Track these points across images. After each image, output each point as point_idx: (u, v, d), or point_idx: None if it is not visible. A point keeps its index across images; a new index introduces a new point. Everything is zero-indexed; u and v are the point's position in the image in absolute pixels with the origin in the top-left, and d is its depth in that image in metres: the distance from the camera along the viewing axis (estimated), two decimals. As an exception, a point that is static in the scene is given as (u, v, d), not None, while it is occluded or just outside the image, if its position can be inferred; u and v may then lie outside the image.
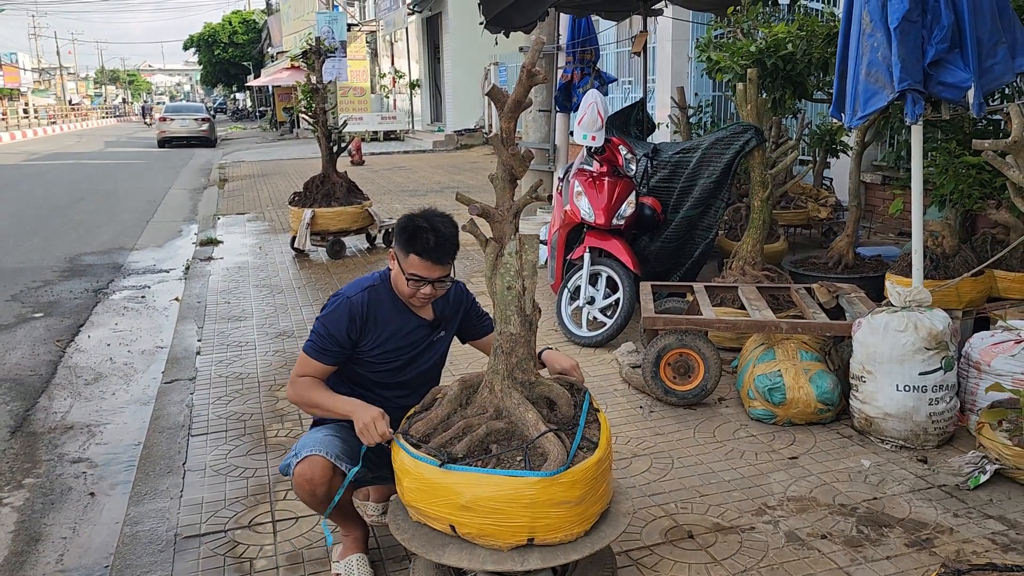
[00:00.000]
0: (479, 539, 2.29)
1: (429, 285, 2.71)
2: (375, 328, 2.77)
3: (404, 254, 2.69)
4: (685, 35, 11.32)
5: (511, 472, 2.26)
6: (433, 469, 2.29)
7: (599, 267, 5.27)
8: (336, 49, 20.40)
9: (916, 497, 3.22)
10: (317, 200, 8.21)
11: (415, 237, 2.66)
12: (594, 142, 5.31)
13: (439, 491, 2.29)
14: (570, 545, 2.34)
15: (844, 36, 4.11)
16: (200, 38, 51.38)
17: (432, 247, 2.65)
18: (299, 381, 2.76)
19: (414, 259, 2.67)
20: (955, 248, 4.72)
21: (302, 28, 29.78)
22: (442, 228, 2.67)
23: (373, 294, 2.79)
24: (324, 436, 2.71)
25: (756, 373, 4.00)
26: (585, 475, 2.30)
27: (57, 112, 50.35)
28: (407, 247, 2.68)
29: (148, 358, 5.78)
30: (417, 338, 2.85)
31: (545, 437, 2.32)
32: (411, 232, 2.67)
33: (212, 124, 29.58)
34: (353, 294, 2.77)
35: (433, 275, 2.69)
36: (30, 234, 10.78)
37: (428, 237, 2.65)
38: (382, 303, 2.79)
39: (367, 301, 2.76)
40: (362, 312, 2.74)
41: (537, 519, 2.26)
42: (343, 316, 2.73)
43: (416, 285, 2.70)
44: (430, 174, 16.02)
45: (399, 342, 2.81)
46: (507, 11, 7.75)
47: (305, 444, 2.70)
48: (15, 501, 3.81)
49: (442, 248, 2.66)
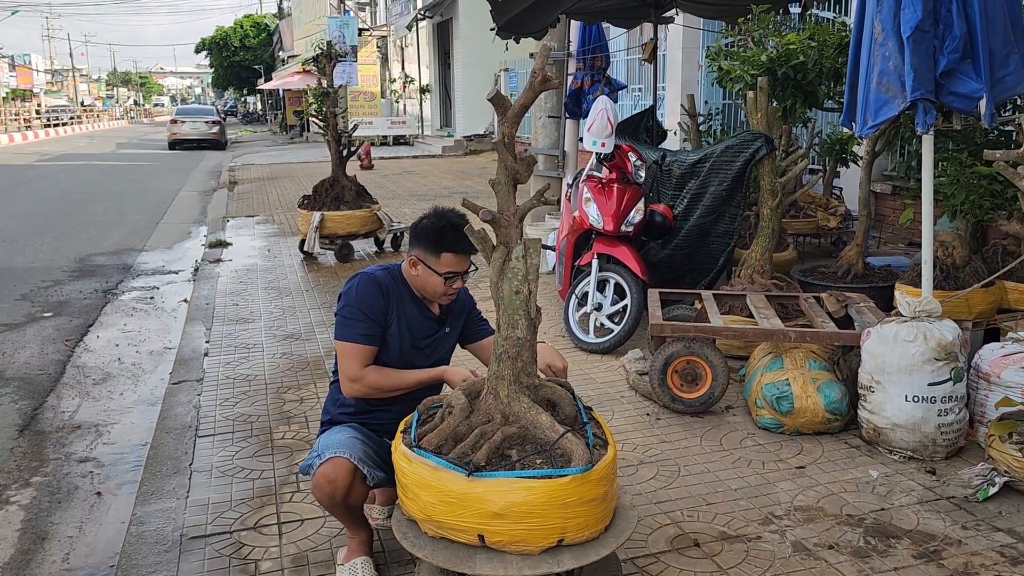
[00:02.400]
0: (510, 546, 2.26)
1: (460, 277, 2.79)
2: (397, 307, 2.81)
3: (435, 255, 2.74)
4: (695, 43, 11.31)
5: (545, 472, 2.26)
6: (460, 479, 2.25)
7: (607, 273, 5.27)
8: (347, 54, 20.49)
9: (924, 509, 3.20)
10: (326, 203, 8.23)
11: (440, 236, 2.73)
12: (604, 148, 5.32)
13: (467, 502, 2.24)
14: (597, 541, 2.36)
15: (856, 45, 4.10)
16: (212, 41, 51.65)
17: (461, 240, 2.71)
18: (365, 374, 2.74)
19: (447, 257, 2.73)
20: (965, 259, 4.70)
21: (313, 32, 29.90)
22: (459, 221, 2.75)
23: (389, 276, 2.84)
24: (347, 438, 2.72)
25: (764, 382, 3.99)
26: (608, 470, 2.34)
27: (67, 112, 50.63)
28: (436, 248, 2.73)
29: (156, 359, 5.79)
30: (427, 331, 2.89)
31: (565, 438, 2.33)
32: (435, 233, 2.74)
33: (222, 127, 29.73)
34: (373, 271, 2.83)
35: (465, 267, 2.79)
36: (41, 234, 10.84)
37: (452, 233, 2.72)
38: (399, 288, 2.84)
39: (387, 279, 2.82)
40: (386, 287, 2.80)
41: (569, 519, 2.26)
42: (373, 290, 2.77)
43: (452, 281, 2.78)
44: (439, 179, 16.05)
45: (413, 331, 2.85)
46: (518, 17, 7.77)
47: (328, 445, 2.70)
48: (22, 499, 3.82)
49: (469, 240, 2.68)
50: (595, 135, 5.28)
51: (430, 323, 2.90)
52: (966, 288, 4.45)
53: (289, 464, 3.71)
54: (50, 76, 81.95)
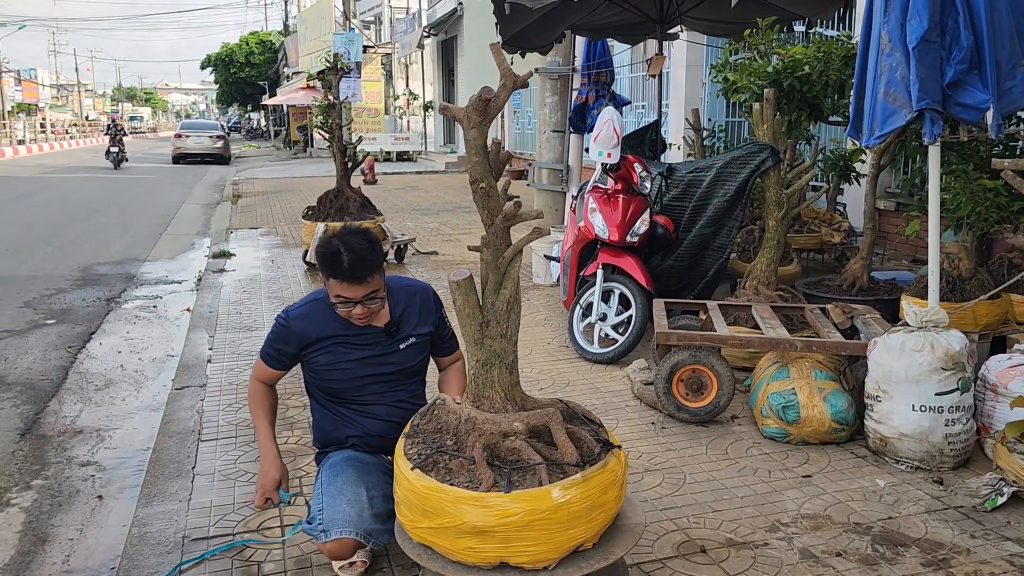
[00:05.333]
0: None
1: (358, 305, 2.70)
2: (320, 340, 2.83)
3: (325, 278, 2.72)
4: (699, 60, 11.39)
5: None
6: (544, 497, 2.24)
7: (612, 284, 5.26)
8: (352, 69, 20.59)
9: (932, 517, 3.18)
10: (330, 214, 8.25)
11: (329, 260, 2.65)
12: (609, 159, 5.33)
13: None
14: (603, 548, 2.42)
15: (862, 56, 4.11)
16: (217, 57, 51.94)
17: (347, 268, 2.63)
18: (253, 388, 3.01)
19: (333, 282, 2.69)
20: (971, 271, 4.70)
21: (318, 49, 30.06)
22: (356, 246, 2.65)
23: (316, 307, 2.85)
24: (353, 507, 2.69)
25: (770, 391, 3.97)
26: None
27: (72, 126, 50.85)
28: (325, 271, 2.69)
29: (159, 366, 5.78)
30: (373, 342, 2.86)
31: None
32: (325, 255, 2.66)
33: (227, 141, 29.83)
34: (293, 309, 2.90)
35: (357, 295, 2.68)
36: (44, 244, 10.85)
37: (343, 258, 2.63)
38: (327, 314, 2.82)
39: (307, 314, 2.85)
40: (301, 326, 2.83)
41: None
42: (284, 330, 2.86)
43: (345, 308, 2.72)
44: (442, 194, 16.09)
45: (352, 352, 2.84)
46: (524, 32, 7.82)
47: (334, 519, 2.67)
48: (23, 502, 3.80)
49: (357, 267, 2.64)
50: (601, 146, 5.29)
51: (376, 335, 2.86)
52: (972, 300, 4.44)
53: (292, 468, 3.68)
54: (55, 91, 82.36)
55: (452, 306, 2.50)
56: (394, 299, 2.91)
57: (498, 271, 2.40)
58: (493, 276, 2.41)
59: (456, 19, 24.16)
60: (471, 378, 2.49)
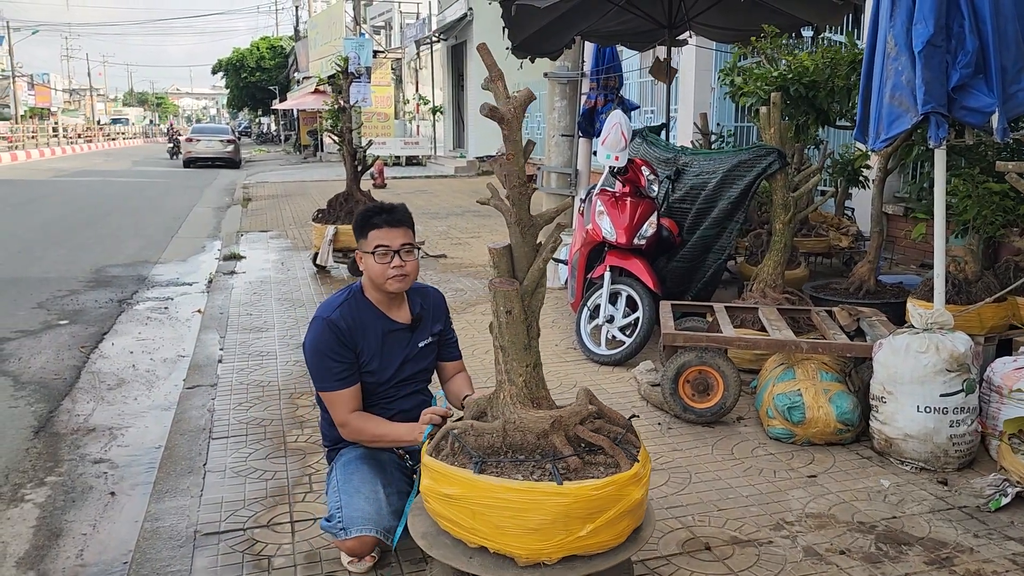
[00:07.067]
0: None
1: (397, 255, 2.81)
2: (363, 338, 2.86)
3: (364, 236, 2.85)
4: (708, 65, 11.42)
5: None
6: None
7: (619, 286, 5.30)
8: (362, 73, 20.71)
9: (936, 517, 3.20)
10: (340, 217, 8.30)
11: (370, 212, 2.88)
12: (617, 162, 5.36)
13: None
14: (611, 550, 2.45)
15: (868, 60, 4.15)
16: (228, 62, 52.25)
17: (388, 211, 2.85)
18: (349, 421, 2.83)
19: (373, 232, 2.83)
20: (977, 274, 4.72)
21: (328, 54, 30.22)
22: (383, 205, 2.91)
23: (347, 308, 2.88)
24: (371, 504, 2.73)
25: (775, 392, 4.00)
26: None
27: (84, 132, 51.15)
28: (364, 229, 2.85)
29: (170, 366, 5.84)
30: (402, 340, 2.93)
31: None
32: (365, 211, 2.89)
33: (237, 146, 29.97)
34: (327, 314, 2.84)
35: (396, 241, 2.82)
36: (57, 245, 10.95)
37: (374, 211, 2.87)
38: (360, 312, 2.88)
39: (345, 313, 2.85)
40: (342, 326, 2.82)
41: None
42: (328, 336, 2.80)
43: (384, 256, 2.80)
44: (451, 198, 16.15)
45: (386, 347, 2.90)
46: (534, 37, 7.86)
47: (353, 517, 2.71)
48: (37, 498, 3.86)
49: (395, 213, 2.85)
50: (609, 149, 5.33)
51: (402, 333, 2.94)
52: (978, 303, 4.46)
53: (302, 466, 3.74)
54: (68, 95, 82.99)
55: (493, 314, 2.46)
56: (411, 298, 3.01)
57: (533, 276, 2.41)
58: (529, 279, 2.40)
59: (466, 24, 24.25)
60: (521, 385, 2.43)
